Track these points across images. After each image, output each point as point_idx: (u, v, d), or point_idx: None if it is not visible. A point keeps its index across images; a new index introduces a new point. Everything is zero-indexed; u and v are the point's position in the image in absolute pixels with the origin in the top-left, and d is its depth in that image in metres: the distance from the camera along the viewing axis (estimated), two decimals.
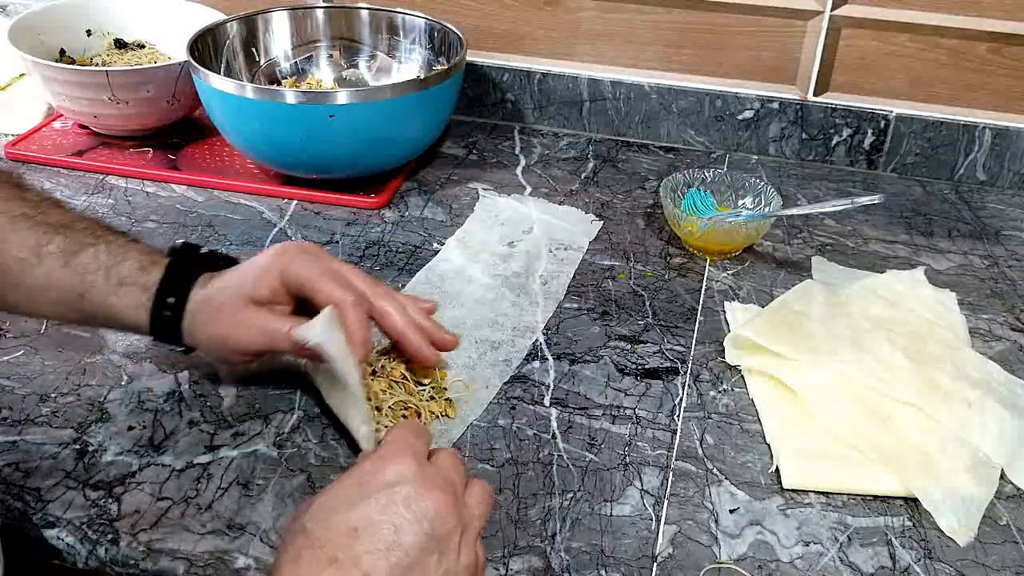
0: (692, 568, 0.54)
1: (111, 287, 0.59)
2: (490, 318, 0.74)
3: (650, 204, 0.93)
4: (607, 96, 1.05)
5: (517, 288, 0.78)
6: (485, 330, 0.73)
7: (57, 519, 0.55)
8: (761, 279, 0.82)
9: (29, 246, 0.58)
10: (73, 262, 0.59)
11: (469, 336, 0.72)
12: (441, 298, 0.76)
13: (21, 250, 0.58)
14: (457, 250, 0.83)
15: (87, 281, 0.59)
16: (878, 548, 0.56)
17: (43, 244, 0.58)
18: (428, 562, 0.45)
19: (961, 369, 0.68)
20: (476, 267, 0.81)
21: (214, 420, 0.63)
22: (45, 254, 0.58)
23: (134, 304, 0.60)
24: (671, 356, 0.71)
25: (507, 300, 0.77)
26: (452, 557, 0.47)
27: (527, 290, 0.78)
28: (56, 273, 0.59)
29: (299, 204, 0.90)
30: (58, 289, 0.59)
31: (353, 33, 1.04)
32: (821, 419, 0.64)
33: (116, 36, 1.07)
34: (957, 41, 0.94)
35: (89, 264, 0.59)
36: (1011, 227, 0.91)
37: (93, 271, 0.59)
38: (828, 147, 1.02)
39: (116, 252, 0.60)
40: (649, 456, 0.62)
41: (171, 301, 0.60)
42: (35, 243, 0.58)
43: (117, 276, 0.59)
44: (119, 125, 0.97)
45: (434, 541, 0.46)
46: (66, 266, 0.59)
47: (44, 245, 0.58)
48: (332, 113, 0.83)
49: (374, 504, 0.46)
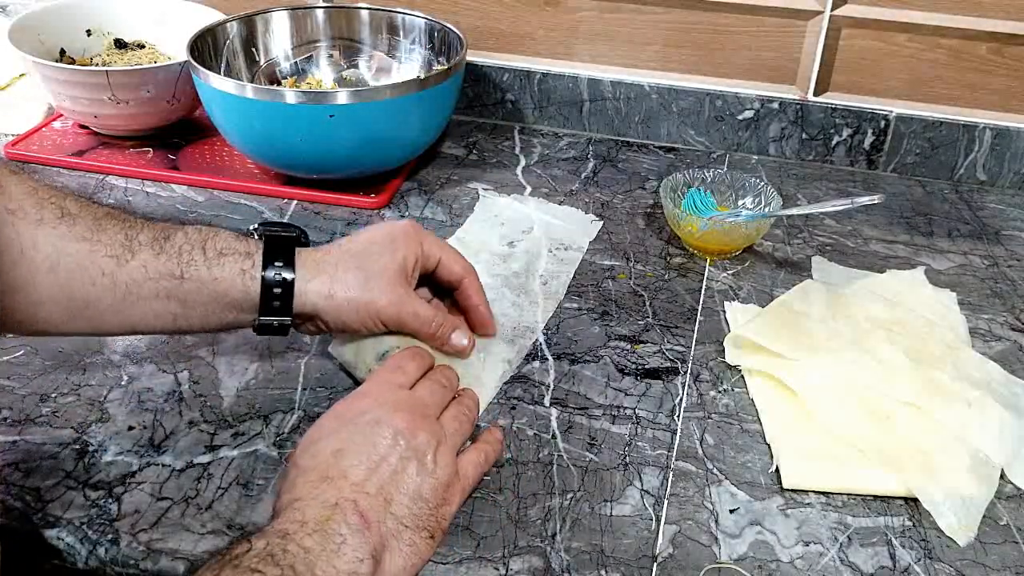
0: (692, 568, 0.54)
1: (211, 260, 0.58)
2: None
3: (650, 204, 0.93)
4: (607, 96, 1.05)
5: (517, 288, 0.78)
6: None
7: (57, 519, 0.55)
8: (761, 279, 0.82)
9: (120, 241, 0.56)
10: (167, 246, 0.57)
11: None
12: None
13: (113, 246, 0.56)
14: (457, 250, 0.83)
15: (184, 260, 0.57)
16: (878, 548, 0.56)
17: (132, 237, 0.57)
18: (408, 470, 0.52)
19: (961, 369, 0.68)
20: (476, 267, 0.80)
21: (214, 420, 0.63)
22: (137, 246, 0.56)
23: (239, 271, 0.58)
24: (671, 356, 0.71)
25: (507, 300, 0.77)
26: (430, 466, 0.53)
27: (527, 290, 0.78)
28: (152, 262, 0.57)
29: (299, 204, 0.90)
30: (155, 279, 0.57)
31: (353, 33, 1.04)
32: (821, 419, 0.64)
33: (116, 36, 1.07)
34: (957, 41, 0.94)
35: (183, 245, 0.58)
36: (1011, 227, 0.91)
37: (188, 250, 0.58)
38: (828, 147, 1.02)
39: (205, 231, 0.59)
40: (649, 456, 0.62)
41: (280, 264, 0.59)
42: (124, 237, 0.57)
43: (214, 248, 0.58)
44: (119, 125, 0.97)
45: (410, 451, 0.52)
46: (161, 253, 0.57)
47: (134, 238, 0.57)
48: (332, 113, 0.83)
49: (352, 428, 0.53)
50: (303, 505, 0.48)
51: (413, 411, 0.55)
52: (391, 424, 0.53)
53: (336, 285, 0.60)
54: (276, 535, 0.46)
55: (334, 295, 0.60)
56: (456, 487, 0.54)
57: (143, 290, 0.57)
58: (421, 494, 0.52)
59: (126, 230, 0.57)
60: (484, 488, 0.59)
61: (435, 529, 0.52)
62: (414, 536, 0.50)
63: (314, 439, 0.53)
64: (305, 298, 0.60)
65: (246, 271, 0.58)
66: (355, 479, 0.50)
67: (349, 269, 0.61)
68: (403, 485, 0.51)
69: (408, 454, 0.52)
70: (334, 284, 0.60)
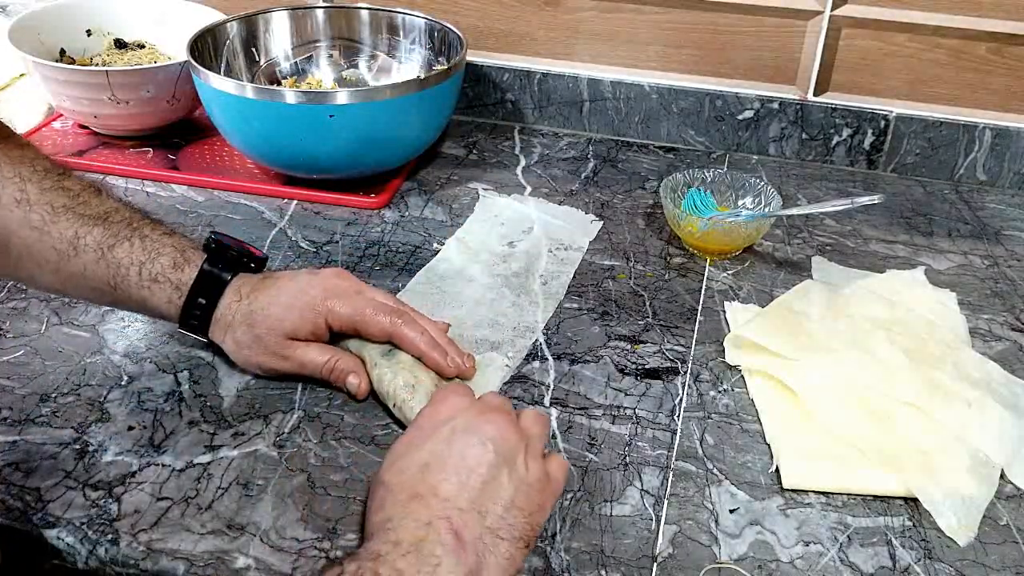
0: (692, 568, 0.54)
1: (144, 283, 0.62)
2: (490, 318, 0.74)
3: (650, 204, 0.93)
4: (607, 96, 1.05)
5: (517, 288, 0.78)
6: (485, 330, 0.73)
7: (57, 519, 0.55)
8: (761, 279, 0.82)
9: (68, 238, 0.61)
10: (108, 256, 0.61)
11: (469, 336, 0.72)
12: (441, 298, 0.76)
13: (61, 242, 0.61)
14: (457, 250, 0.83)
15: (120, 275, 0.62)
16: (878, 548, 0.56)
17: (81, 236, 0.61)
18: (500, 478, 0.50)
19: (961, 369, 0.68)
20: (476, 267, 0.81)
21: (214, 420, 0.63)
22: (82, 247, 0.61)
23: (165, 299, 0.63)
24: (671, 356, 0.71)
25: (507, 300, 0.77)
26: (521, 471, 0.51)
27: (527, 290, 0.78)
28: (91, 267, 0.61)
29: (299, 204, 0.90)
30: (93, 279, 0.62)
31: (353, 33, 1.04)
32: (821, 419, 0.64)
33: (116, 36, 1.07)
34: (957, 41, 0.94)
35: (123, 259, 0.62)
36: (1011, 227, 0.91)
37: (127, 266, 0.62)
38: (828, 147, 1.02)
39: (150, 247, 0.63)
40: (649, 456, 0.62)
41: (202, 302, 0.63)
42: (73, 235, 0.61)
43: (149, 273, 0.62)
44: (119, 125, 0.97)
45: (500, 458, 0.50)
46: (101, 259, 0.61)
47: (82, 238, 0.61)
48: (332, 113, 0.83)
49: (437, 440, 0.51)
50: (395, 525, 0.47)
51: (499, 414, 0.53)
52: (478, 431, 0.51)
53: (231, 342, 0.65)
54: (368, 558, 0.45)
55: (232, 350, 0.65)
56: (548, 491, 0.52)
57: (81, 285, 0.63)
58: (515, 502, 0.50)
59: (77, 227, 0.61)
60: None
61: (530, 538, 0.50)
62: (510, 548, 0.48)
63: (399, 454, 0.52)
64: (214, 335, 0.65)
65: (172, 302, 0.63)
66: (446, 494, 0.48)
67: (241, 325, 0.64)
68: (496, 495, 0.49)
69: (498, 461, 0.50)
70: (231, 339, 0.64)
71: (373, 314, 0.64)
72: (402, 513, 0.48)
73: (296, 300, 0.64)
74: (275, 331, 0.63)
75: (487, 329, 0.73)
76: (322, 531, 0.55)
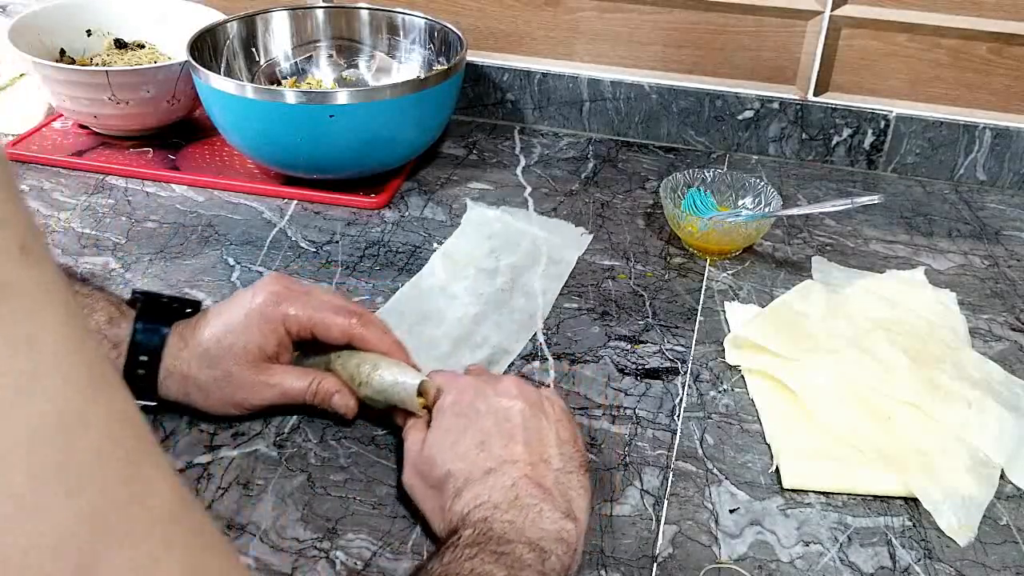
0: (692, 568, 0.54)
1: None
2: (469, 340, 0.72)
3: (650, 204, 0.93)
4: (607, 96, 1.05)
5: (500, 306, 0.76)
6: (464, 352, 0.70)
7: None
8: (761, 279, 0.82)
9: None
10: None
11: (446, 360, 0.69)
12: (421, 316, 0.74)
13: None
14: (442, 265, 0.81)
15: None
16: (878, 548, 0.56)
17: None
18: (541, 425, 0.55)
19: (961, 369, 0.68)
20: (460, 284, 0.78)
21: (214, 420, 0.63)
22: None
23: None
24: (671, 356, 0.71)
25: (489, 321, 0.74)
26: (549, 411, 0.56)
27: (511, 308, 0.76)
28: None
29: (299, 204, 0.90)
30: None
31: (353, 33, 1.04)
32: (821, 419, 0.64)
33: (116, 36, 1.07)
34: (957, 41, 0.94)
35: None
36: (1011, 227, 0.91)
37: None
38: (828, 147, 1.02)
39: (84, 303, 0.59)
40: (649, 456, 0.62)
41: (144, 359, 0.59)
42: None
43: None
44: (119, 125, 0.97)
45: (534, 408, 0.56)
46: None
47: None
48: (332, 113, 0.83)
49: (479, 419, 0.55)
50: (486, 497, 0.50)
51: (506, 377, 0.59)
52: (504, 396, 0.56)
53: (197, 391, 0.60)
54: (478, 524, 0.49)
55: (191, 396, 0.60)
56: (569, 415, 0.58)
57: None
58: (563, 438, 0.55)
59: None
60: None
61: (584, 462, 0.55)
62: (579, 477, 0.54)
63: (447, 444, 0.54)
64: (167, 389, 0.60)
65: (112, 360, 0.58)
66: (513, 457, 0.52)
67: (202, 369, 0.59)
68: (547, 440, 0.54)
69: (535, 412, 0.55)
70: (188, 385, 0.60)
71: (332, 315, 0.61)
72: (487, 487, 0.51)
73: (247, 317, 0.59)
74: (243, 358, 0.59)
75: (465, 351, 0.70)
76: (322, 531, 0.55)
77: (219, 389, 0.60)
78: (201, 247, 0.83)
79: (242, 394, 0.60)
